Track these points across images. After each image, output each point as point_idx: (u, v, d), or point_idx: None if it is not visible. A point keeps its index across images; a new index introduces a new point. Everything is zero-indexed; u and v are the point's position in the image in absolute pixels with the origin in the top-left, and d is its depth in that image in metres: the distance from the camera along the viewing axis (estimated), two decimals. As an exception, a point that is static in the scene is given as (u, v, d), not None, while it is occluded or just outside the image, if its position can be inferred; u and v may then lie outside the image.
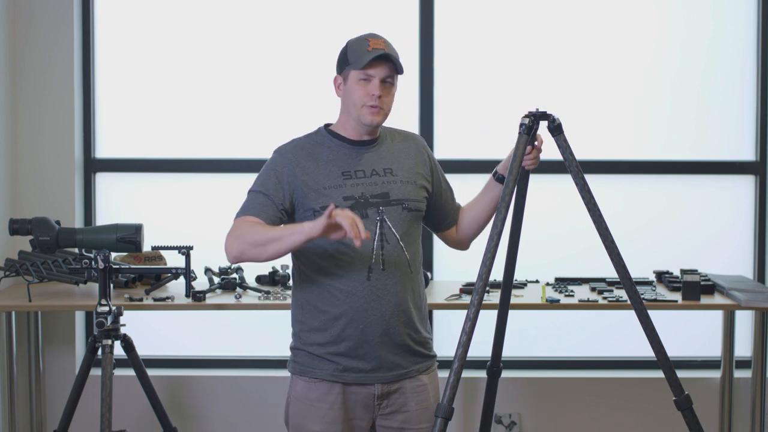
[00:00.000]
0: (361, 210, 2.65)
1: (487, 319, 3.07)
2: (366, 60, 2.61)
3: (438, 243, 4.25)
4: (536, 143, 2.77)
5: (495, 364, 2.98)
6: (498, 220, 2.63)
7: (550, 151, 2.87)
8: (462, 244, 2.96)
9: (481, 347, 3.14)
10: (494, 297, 3.78)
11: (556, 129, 2.70)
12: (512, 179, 2.66)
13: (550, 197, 4.27)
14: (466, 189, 3.09)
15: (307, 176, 2.67)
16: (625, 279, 2.71)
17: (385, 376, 2.69)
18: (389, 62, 2.63)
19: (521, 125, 2.70)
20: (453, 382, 2.58)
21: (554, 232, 4.34)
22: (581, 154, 4.33)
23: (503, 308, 2.95)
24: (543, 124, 2.75)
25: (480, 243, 2.84)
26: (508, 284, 2.91)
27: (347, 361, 2.67)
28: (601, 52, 4.36)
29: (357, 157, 2.70)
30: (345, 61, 2.67)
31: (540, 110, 2.70)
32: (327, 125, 2.79)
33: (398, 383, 2.72)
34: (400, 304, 2.69)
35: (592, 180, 4.30)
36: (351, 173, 2.68)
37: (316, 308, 2.68)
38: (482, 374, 3.05)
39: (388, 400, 2.72)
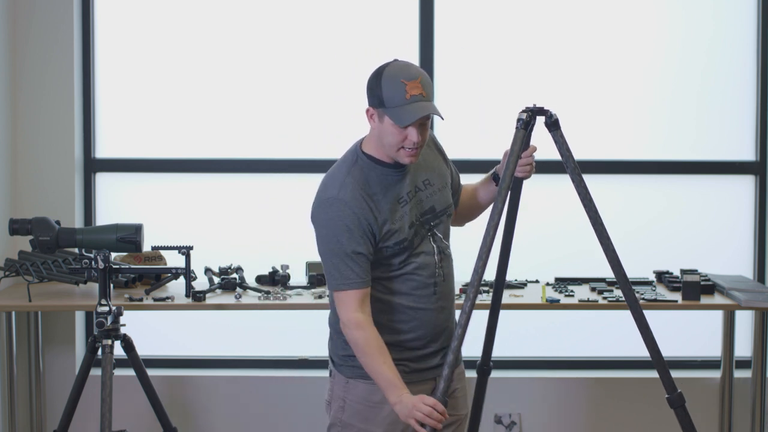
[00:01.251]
0: (420, 231, 2.65)
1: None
2: (408, 121, 2.49)
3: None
4: (528, 151, 2.74)
5: (485, 362, 2.97)
6: (494, 213, 2.62)
7: (550, 150, 2.87)
8: (461, 219, 2.98)
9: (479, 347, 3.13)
10: (494, 297, 3.78)
11: (553, 125, 2.68)
12: (509, 174, 2.65)
13: (550, 197, 4.27)
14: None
15: (376, 219, 2.59)
16: (619, 275, 2.70)
17: (439, 369, 2.71)
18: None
19: (518, 120, 2.68)
20: (447, 374, 2.58)
21: (554, 232, 4.34)
22: (582, 154, 4.35)
23: (495, 307, 2.93)
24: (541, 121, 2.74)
25: (478, 240, 2.83)
26: (500, 283, 2.90)
27: (412, 364, 2.68)
28: (602, 52, 4.36)
29: (402, 179, 2.65)
30: (380, 102, 2.53)
31: (537, 105, 2.68)
32: (360, 144, 2.68)
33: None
34: (453, 307, 2.77)
35: (592, 180, 4.30)
36: (404, 197, 2.64)
37: (379, 325, 2.64)
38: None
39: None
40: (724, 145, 4.39)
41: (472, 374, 3.05)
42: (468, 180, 3.01)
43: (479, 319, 2.92)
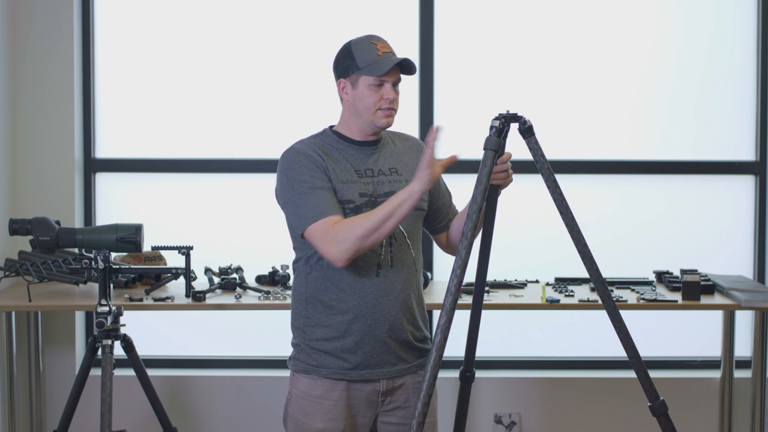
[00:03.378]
0: (372, 208, 2.66)
1: (489, 320, 3.06)
2: (386, 68, 2.62)
3: (438, 243, 4.25)
4: (503, 158, 2.68)
5: (468, 369, 2.85)
6: (467, 230, 2.53)
7: (551, 151, 2.86)
8: (453, 249, 2.94)
9: (484, 347, 3.13)
10: (494, 297, 3.78)
11: (527, 131, 2.62)
12: (481, 191, 2.56)
13: (549, 197, 4.26)
14: (465, 189, 3.09)
15: (327, 169, 2.67)
16: (597, 282, 2.66)
17: (389, 371, 2.71)
18: (397, 65, 2.66)
19: (491, 128, 2.62)
20: (432, 369, 2.52)
21: (554, 232, 4.33)
22: (582, 154, 4.38)
23: (475, 312, 2.81)
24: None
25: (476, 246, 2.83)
26: (479, 290, 2.80)
27: (353, 357, 2.68)
28: (602, 52, 4.36)
29: (365, 157, 2.73)
30: (353, 66, 2.66)
31: (511, 112, 2.61)
32: (331, 127, 2.79)
33: (401, 378, 2.74)
34: (406, 301, 2.72)
35: (593, 180, 4.36)
36: (362, 172, 2.71)
37: (322, 303, 2.69)
38: (481, 374, 3.04)
39: (391, 397, 2.74)
40: (724, 145, 4.39)
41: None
42: (467, 180, 3.01)
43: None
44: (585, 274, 4.10)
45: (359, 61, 2.65)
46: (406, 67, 2.67)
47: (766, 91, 4.33)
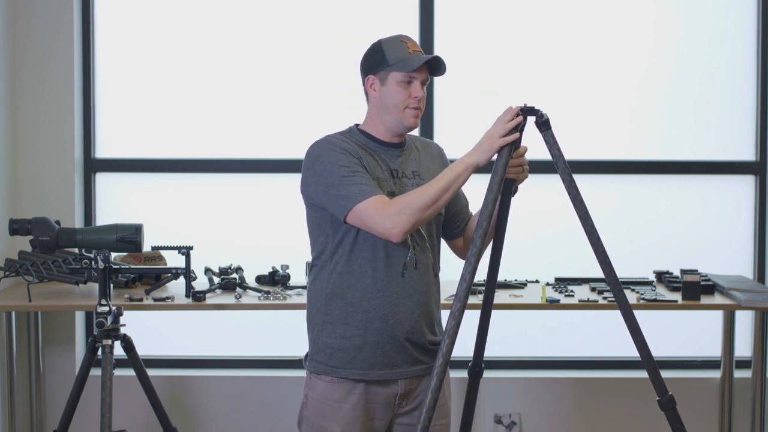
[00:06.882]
0: None
1: (495, 319, 3.05)
2: (416, 64, 2.61)
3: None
4: (519, 152, 2.67)
5: (476, 364, 2.87)
6: (482, 220, 2.56)
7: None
8: (462, 254, 2.95)
9: (489, 347, 3.12)
10: (494, 297, 3.77)
11: (543, 124, 2.61)
12: (497, 182, 2.58)
13: (550, 197, 4.27)
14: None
15: (366, 162, 2.65)
16: (609, 276, 2.66)
17: (407, 371, 2.70)
18: (426, 65, 2.66)
19: None
20: (445, 356, 2.54)
21: (554, 232, 4.35)
22: (582, 153, 4.37)
23: (486, 309, 2.84)
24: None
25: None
26: (491, 285, 2.82)
27: (372, 357, 2.66)
28: (602, 52, 4.36)
29: (392, 158, 2.71)
30: (383, 62, 2.65)
31: (528, 105, 2.61)
32: (357, 125, 2.77)
33: (418, 380, 2.72)
34: (427, 305, 2.72)
35: (593, 180, 4.36)
36: (389, 171, 2.70)
37: (343, 300, 2.66)
38: (485, 374, 3.03)
39: (408, 398, 2.73)
40: (724, 145, 4.39)
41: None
42: (468, 180, 3.00)
43: (471, 319, 2.89)
44: (585, 274, 4.14)
45: (389, 58, 2.64)
46: (435, 68, 2.67)
47: (766, 91, 4.33)
